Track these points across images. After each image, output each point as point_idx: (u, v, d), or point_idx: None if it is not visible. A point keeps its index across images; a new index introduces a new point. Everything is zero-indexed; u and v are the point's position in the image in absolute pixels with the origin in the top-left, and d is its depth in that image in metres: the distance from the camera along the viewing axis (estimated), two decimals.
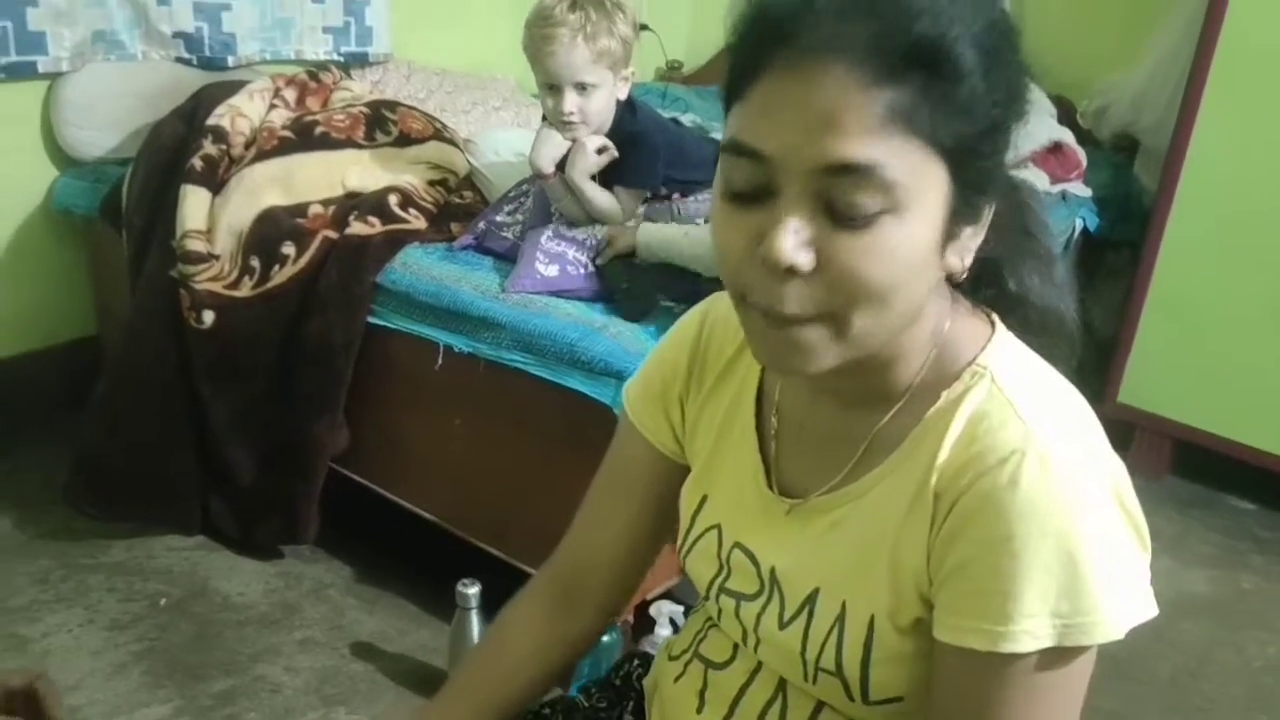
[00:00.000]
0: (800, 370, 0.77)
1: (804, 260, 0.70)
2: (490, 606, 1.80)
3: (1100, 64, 3.45)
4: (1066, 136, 3.17)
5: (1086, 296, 0.90)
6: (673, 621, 1.82)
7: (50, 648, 1.90)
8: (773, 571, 0.85)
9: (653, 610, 1.83)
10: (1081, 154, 3.17)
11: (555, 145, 1.99)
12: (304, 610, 2.07)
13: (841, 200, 0.69)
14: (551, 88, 1.95)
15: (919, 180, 0.69)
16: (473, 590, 1.82)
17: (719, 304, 0.94)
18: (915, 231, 0.70)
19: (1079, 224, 3.02)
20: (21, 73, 2.44)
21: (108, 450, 2.19)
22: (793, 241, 0.70)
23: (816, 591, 0.82)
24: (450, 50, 3.26)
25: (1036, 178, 2.96)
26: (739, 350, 0.91)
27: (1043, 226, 0.87)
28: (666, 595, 1.90)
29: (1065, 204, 3.02)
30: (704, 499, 0.92)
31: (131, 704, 1.79)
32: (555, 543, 1.08)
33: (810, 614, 0.82)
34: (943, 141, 0.69)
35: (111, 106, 2.55)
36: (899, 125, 0.68)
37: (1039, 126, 3.10)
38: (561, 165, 2.01)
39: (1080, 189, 3.11)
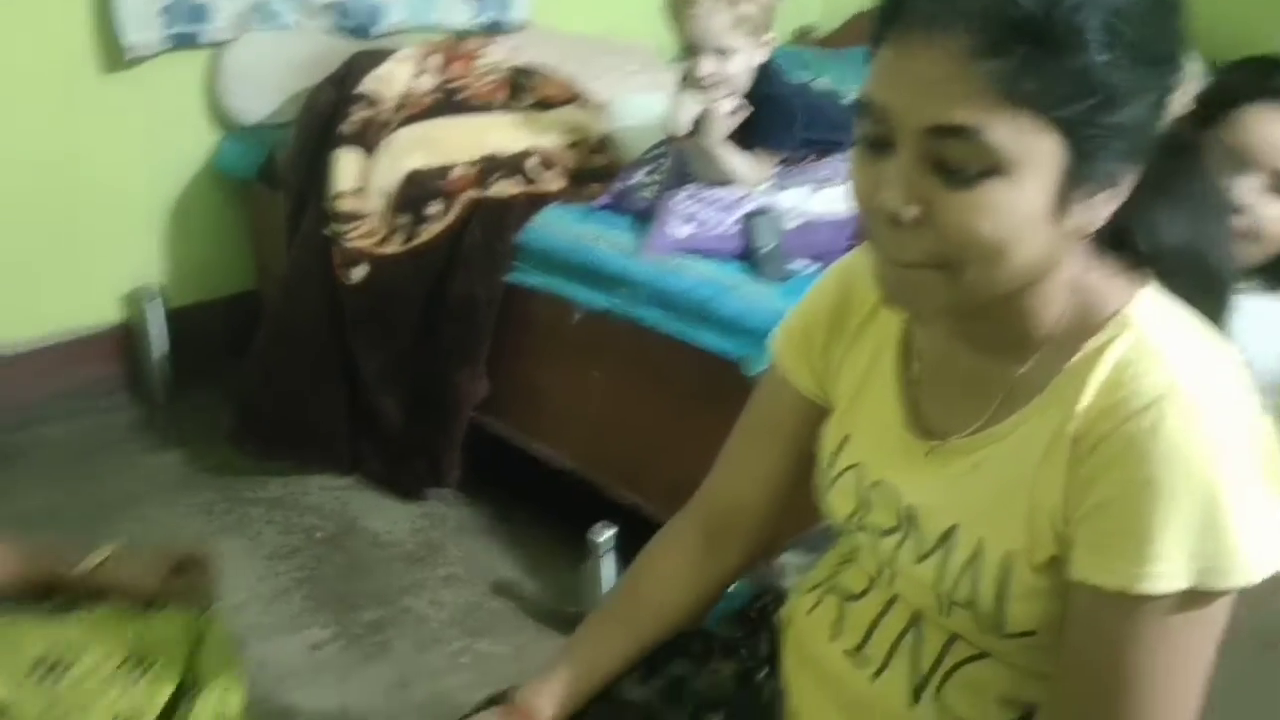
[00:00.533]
0: (913, 309, 0.85)
1: (909, 212, 0.76)
2: (622, 551, 1.88)
3: (1253, 28, 3.32)
4: None
5: None
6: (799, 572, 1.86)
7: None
8: (911, 508, 0.90)
9: (777, 564, 1.88)
10: None
11: (692, 108, 2.04)
12: (447, 549, 2.19)
13: (947, 159, 0.75)
14: (691, 50, 2.00)
15: (1026, 147, 0.73)
16: (606, 535, 1.89)
17: (861, 257, 0.99)
18: (1023, 193, 0.74)
19: None
20: (186, 42, 2.61)
21: (265, 397, 2.35)
22: (899, 194, 0.76)
23: (954, 528, 0.86)
24: (587, 16, 3.31)
25: None
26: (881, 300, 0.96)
27: (1210, 188, 0.88)
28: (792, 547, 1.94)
29: None
30: (845, 439, 0.97)
31: (294, 626, 1.94)
32: (686, 491, 1.13)
33: (947, 550, 0.86)
34: (1054, 111, 0.73)
35: (268, 74, 2.69)
36: (1004, 95, 0.72)
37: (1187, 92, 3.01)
38: (705, 128, 2.05)
39: None
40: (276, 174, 2.52)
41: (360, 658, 1.90)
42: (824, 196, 2.05)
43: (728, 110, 2.04)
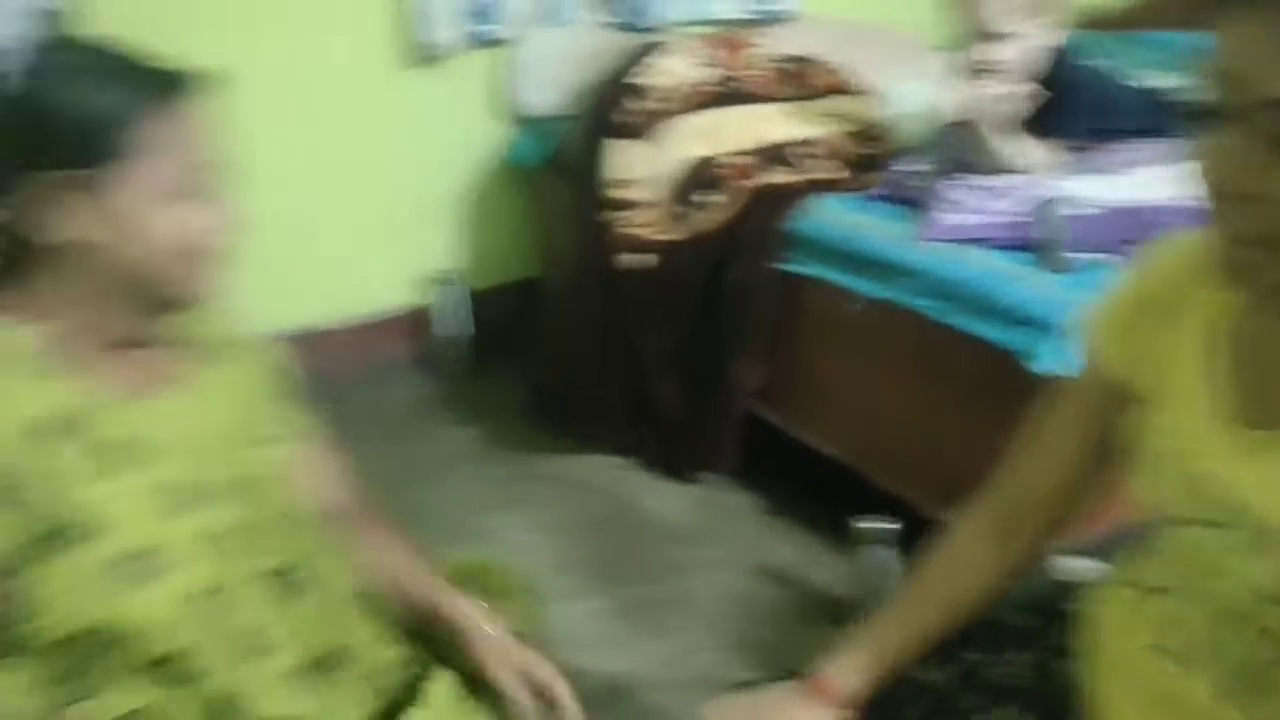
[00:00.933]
0: (1246, 288, 0.82)
1: (1243, 188, 0.74)
2: (897, 544, 1.87)
3: None
4: None
5: None
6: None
7: (506, 541, 2.21)
8: (1234, 501, 0.86)
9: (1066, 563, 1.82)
10: None
11: (973, 94, 2.01)
12: (720, 532, 2.25)
13: None
14: (974, 36, 1.97)
15: None
16: (880, 527, 1.89)
17: (1172, 243, 0.96)
18: None
19: None
20: (479, 40, 2.81)
21: (553, 378, 2.50)
22: (1234, 169, 0.75)
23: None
24: (855, 3, 3.30)
25: None
26: (1197, 285, 0.92)
27: None
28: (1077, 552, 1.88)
29: None
30: (1160, 428, 0.94)
31: (574, 595, 2.05)
32: (962, 486, 1.13)
33: (1268, 544, 0.83)
34: None
35: (555, 68, 2.83)
36: None
37: None
38: (979, 115, 2.02)
39: None
40: (563, 164, 2.65)
41: (636, 631, 1.99)
42: (1114, 185, 1.98)
43: (1009, 96, 2.00)
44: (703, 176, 2.32)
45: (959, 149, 2.10)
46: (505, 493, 2.38)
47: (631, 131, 2.41)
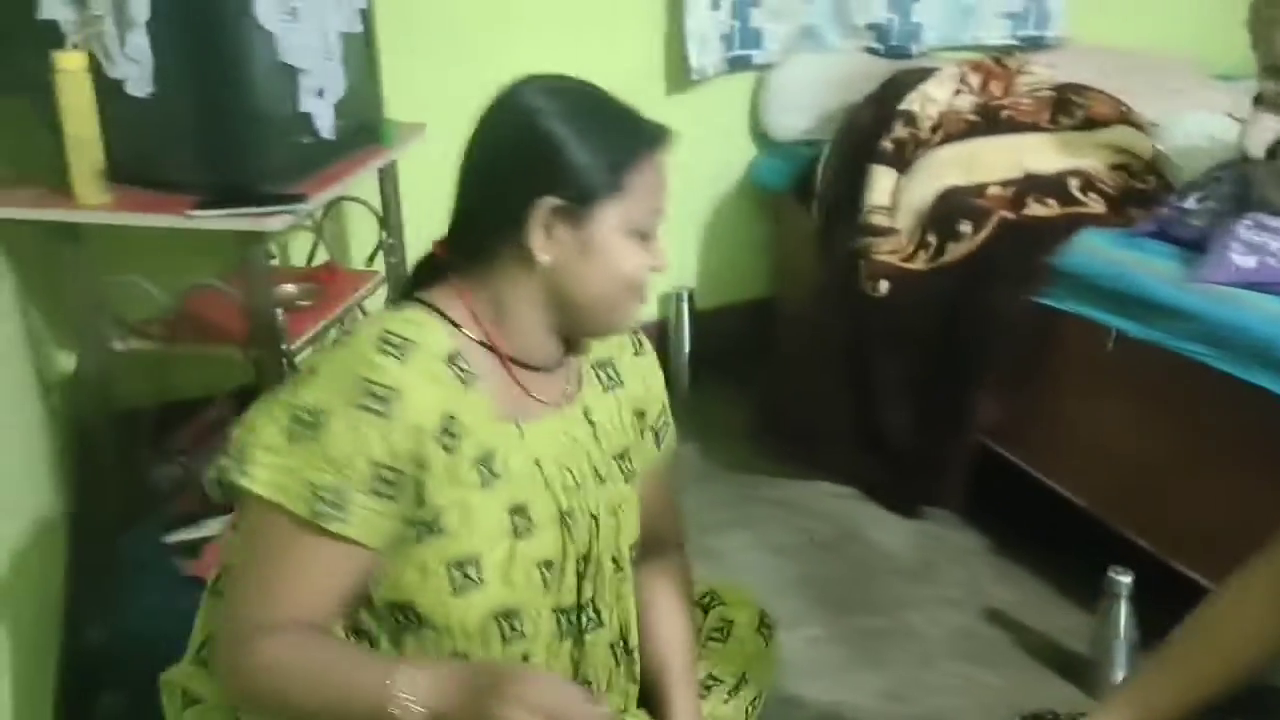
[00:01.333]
0: None
1: None
2: (1139, 599, 1.77)
3: None
4: None
5: None
6: None
7: (728, 562, 2.18)
8: None
9: None
10: None
11: (1271, 130, 1.87)
12: (944, 570, 2.17)
13: None
14: (1272, 69, 1.83)
15: None
16: (1126, 579, 1.78)
17: None
18: None
19: None
20: (741, 65, 2.83)
21: (784, 400, 2.48)
22: None
23: None
24: (1127, 31, 3.15)
25: None
26: None
27: None
28: None
29: None
30: None
31: (794, 621, 2.00)
32: (1225, 547, 1.07)
33: None
34: None
35: (808, 94, 2.82)
36: None
37: None
38: (1274, 152, 1.88)
39: None
40: (807, 188, 2.63)
41: (855, 662, 1.94)
42: None
43: None
44: (958, 206, 2.24)
45: (1250, 187, 1.95)
46: (730, 513, 2.36)
47: (895, 158, 2.37)
